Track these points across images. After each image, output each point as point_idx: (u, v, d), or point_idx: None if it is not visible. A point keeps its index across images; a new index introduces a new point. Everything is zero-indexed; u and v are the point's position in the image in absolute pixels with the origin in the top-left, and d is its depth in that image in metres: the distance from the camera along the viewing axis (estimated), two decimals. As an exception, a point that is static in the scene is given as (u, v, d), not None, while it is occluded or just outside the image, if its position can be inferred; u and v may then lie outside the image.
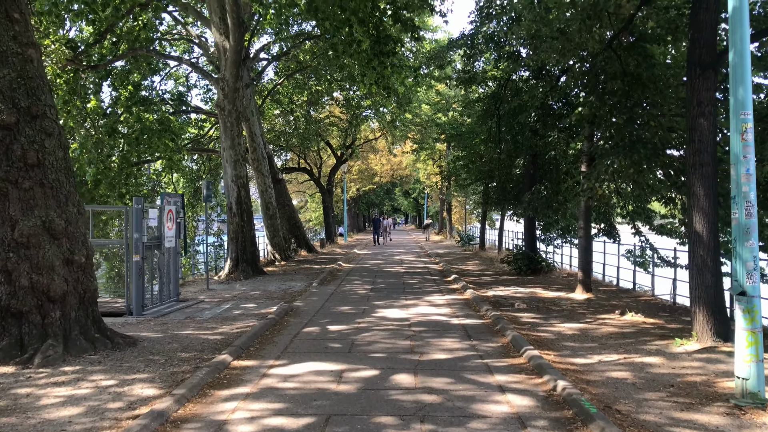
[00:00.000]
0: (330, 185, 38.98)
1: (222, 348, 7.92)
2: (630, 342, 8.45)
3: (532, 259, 17.69)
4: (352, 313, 11.05)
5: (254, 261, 17.75)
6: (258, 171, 23.02)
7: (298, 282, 16.35)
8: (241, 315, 11.15)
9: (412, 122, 37.42)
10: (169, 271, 13.67)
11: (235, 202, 17.38)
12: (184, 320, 10.80)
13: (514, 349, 8.06)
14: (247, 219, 17.56)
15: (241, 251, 17.37)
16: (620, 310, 10.89)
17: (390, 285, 15.69)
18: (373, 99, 28.13)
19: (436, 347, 8.19)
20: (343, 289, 14.77)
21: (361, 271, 19.44)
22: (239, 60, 16.81)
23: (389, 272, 19.16)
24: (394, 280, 16.91)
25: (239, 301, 13.27)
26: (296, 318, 10.65)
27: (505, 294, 13.53)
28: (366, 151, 46.28)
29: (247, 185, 17.67)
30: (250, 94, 22.90)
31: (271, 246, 23.23)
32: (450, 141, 28.38)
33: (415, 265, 22.13)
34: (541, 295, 13.33)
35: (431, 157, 44.27)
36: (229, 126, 17.13)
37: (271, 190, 23.37)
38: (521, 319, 10.38)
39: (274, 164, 27.51)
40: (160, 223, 13.01)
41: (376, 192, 69.61)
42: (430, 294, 13.84)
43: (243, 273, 17.11)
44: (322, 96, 31.09)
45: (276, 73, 31.02)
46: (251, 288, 15.59)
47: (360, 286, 15.56)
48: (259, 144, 22.93)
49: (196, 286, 16.21)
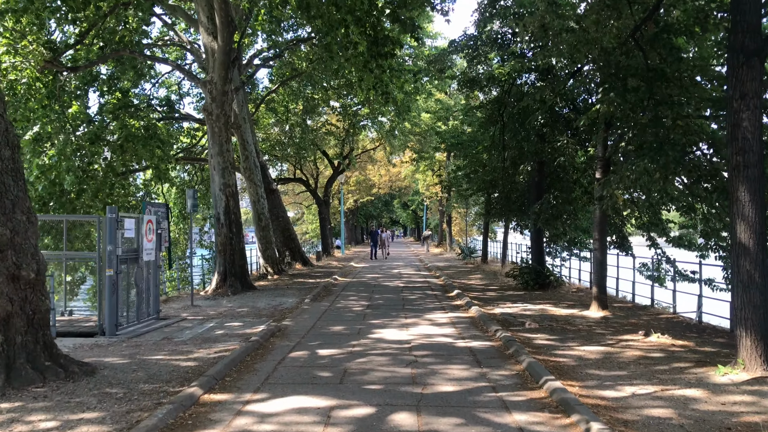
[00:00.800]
0: (327, 196, 37.95)
1: (193, 378, 6.83)
2: (663, 369, 7.36)
3: (540, 273, 16.62)
4: (346, 334, 9.96)
5: (243, 275, 16.66)
6: (250, 180, 22.00)
7: (289, 298, 15.26)
8: (223, 336, 10.06)
9: (411, 132, 36.50)
10: (149, 287, 12.62)
11: (223, 212, 16.33)
12: (160, 341, 9.74)
13: (532, 378, 6.98)
14: (236, 230, 16.50)
15: (229, 265, 16.28)
16: (644, 331, 9.81)
17: (388, 301, 14.60)
18: (371, 106, 27.21)
19: (441, 376, 7.10)
20: (338, 306, 13.68)
21: (358, 286, 18.34)
22: (228, 61, 15.83)
23: (387, 287, 18.07)
24: (393, 295, 15.82)
25: (224, 320, 12.19)
26: (283, 340, 9.55)
27: (514, 311, 12.45)
28: (364, 162, 45.33)
29: (236, 194, 16.63)
30: (243, 101, 21.94)
31: (264, 259, 22.15)
32: (450, 150, 27.41)
33: (414, 279, 21.05)
34: (553, 313, 12.25)
35: (430, 167, 43.33)
36: (218, 131, 16.11)
37: (263, 200, 22.34)
38: (535, 341, 9.30)
39: (267, 174, 26.51)
40: (138, 235, 11.97)
41: (374, 204, 68.61)
42: (431, 311, 12.75)
43: (231, 288, 16.02)
44: (318, 105, 30.15)
45: (271, 80, 30.12)
46: (239, 304, 14.50)
47: (356, 302, 14.47)
48: (251, 152, 21.93)
49: (181, 302, 15.11)
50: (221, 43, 15.48)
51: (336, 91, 28.36)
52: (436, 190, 39.56)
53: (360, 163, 45.50)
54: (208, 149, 16.70)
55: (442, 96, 36.71)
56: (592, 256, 12.44)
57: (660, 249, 14.61)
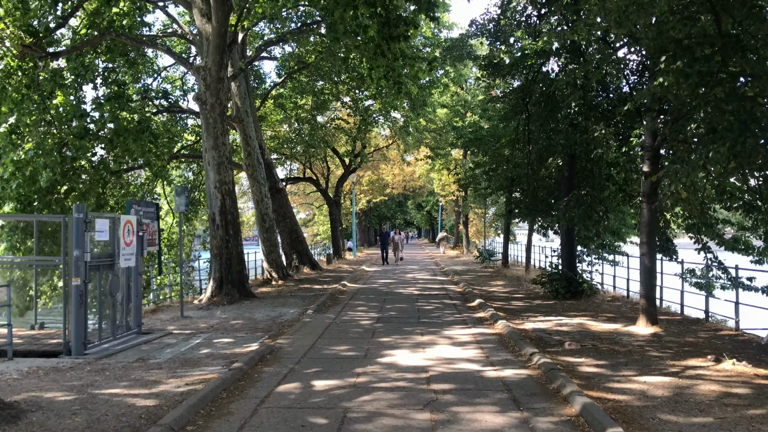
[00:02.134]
0: (337, 196, 36.33)
1: (143, 428, 5.21)
2: (762, 415, 5.62)
3: (572, 281, 14.85)
4: (350, 358, 8.29)
5: (241, 282, 15.07)
6: (253, 178, 20.44)
7: (291, 308, 13.64)
8: (206, 357, 8.49)
9: (426, 128, 34.78)
10: (129, 297, 11.10)
11: (218, 212, 14.76)
12: (131, 363, 8.22)
13: (588, 426, 5.28)
14: (233, 232, 14.92)
15: (225, 270, 14.70)
16: (712, 355, 8.04)
17: (401, 312, 12.91)
18: (382, 99, 25.55)
19: (469, 425, 5.41)
20: (344, 319, 12.02)
21: (368, 294, 16.67)
22: (223, 45, 14.25)
23: (400, 295, 16.39)
24: (407, 305, 14.14)
25: (214, 334, 10.64)
26: (273, 365, 7.91)
27: (547, 326, 10.71)
28: (377, 161, 43.67)
29: (233, 192, 15.05)
30: (245, 93, 20.40)
31: (267, 263, 20.58)
32: (468, 146, 25.67)
33: (430, 285, 19.33)
34: (594, 329, 10.49)
35: (446, 166, 41.59)
36: (212, 123, 14.54)
37: (267, 199, 20.77)
38: (580, 367, 7.58)
39: (273, 172, 24.96)
40: (114, 238, 10.44)
41: (387, 204, 66.93)
42: (451, 326, 11.04)
43: (227, 297, 14.43)
44: (328, 100, 28.54)
45: (279, 74, 28.59)
46: (234, 315, 12.93)
47: (365, 313, 12.80)
48: (254, 148, 20.38)
49: (170, 313, 13.56)
50: (215, 25, 13.91)
51: (346, 84, 26.76)
52: (453, 189, 37.77)
53: (373, 162, 43.86)
54: (201, 143, 15.15)
55: (459, 90, 34.97)
56: (640, 263, 10.67)
57: (712, 253, 12.82)
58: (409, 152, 38.12)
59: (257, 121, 23.76)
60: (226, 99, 14.84)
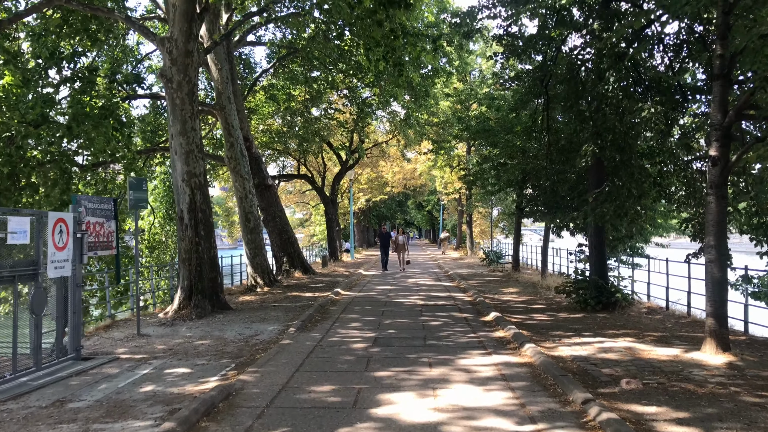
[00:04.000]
0: (334, 194, 34.08)
1: None
2: None
3: (603, 289, 12.61)
4: (334, 408, 6.02)
5: (214, 292, 12.83)
6: (236, 173, 18.20)
7: (271, 324, 11.40)
8: (144, 401, 6.34)
9: (429, 122, 32.54)
10: (64, 314, 8.94)
11: (186, 209, 12.52)
12: (41, 410, 6.26)
13: None
14: (204, 233, 12.69)
15: (195, 278, 12.47)
16: (836, 404, 5.80)
17: (403, 330, 10.65)
18: (381, 87, 23.32)
19: None
20: (332, 340, 9.75)
21: (364, 304, 14.41)
22: (192, 11, 12.02)
23: (402, 306, 14.13)
24: (409, 319, 11.87)
25: (169, 361, 8.50)
26: (224, 422, 5.66)
27: (588, 352, 8.47)
28: (375, 157, 41.40)
29: (204, 186, 12.80)
30: (227, 77, 18.16)
31: (252, 267, 18.33)
32: (475, 138, 23.41)
33: (435, 292, 17.07)
34: (647, 355, 8.24)
35: (449, 163, 39.35)
36: (179, 104, 12.31)
37: (252, 196, 18.52)
38: (658, 426, 5.34)
39: (263, 167, 22.72)
40: (39, 241, 8.25)
41: (387, 204, 64.67)
42: (466, 351, 8.78)
43: (196, 309, 12.20)
44: (322, 90, 26.27)
45: (269, 62, 26.37)
46: (201, 333, 10.72)
47: (358, 331, 10.53)
48: (237, 139, 18.13)
49: (128, 329, 11.34)
50: (181, -14, 11.69)
51: (341, 72, 24.52)
52: (459, 185, 35.48)
53: (371, 159, 41.61)
54: (167, 128, 12.90)
55: (461, 85, 32.68)
56: (706, 273, 8.43)
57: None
58: (410, 147, 35.82)
59: (243, 111, 21.54)
60: (195, 76, 12.59)
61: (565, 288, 13.39)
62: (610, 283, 12.99)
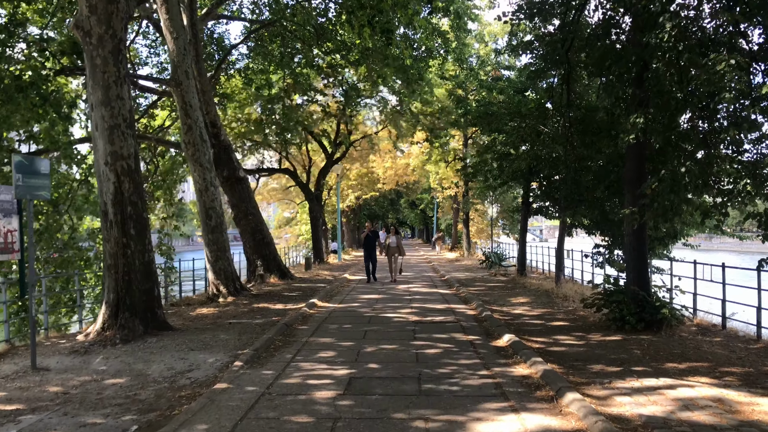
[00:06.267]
0: (319, 190, 31.22)
1: None
2: None
3: (645, 303, 9.86)
4: None
5: (149, 307, 9.99)
6: (194, 160, 15.35)
7: (214, 352, 8.59)
8: None
9: (423, 112, 29.74)
10: None
11: (111, 201, 9.70)
12: None
13: None
14: (135, 232, 9.86)
15: (123, 290, 9.65)
16: None
17: (389, 365, 7.82)
18: (369, 65, 20.54)
19: None
20: (287, 385, 6.90)
21: (343, 321, 11.58)
22: (115, -58, 9.18)
23: (390, 324, 11.32)
24: (399, 345, 9.06)
25: (48, 418, 5.98)
26: None
27: (663, 409, 5.70)
28: (364, 150, 38.53)
29: (135, 172, 9.94)
30: (184, 47, 15.30)
31: (213, 273, 15.49)
32: (475, 125, 20.65)
33: (431, 303, 14.29)
34: (755, 416, 5.49)
35: (444, 158, 36.61)
36: (100, 64, 9.49)
37: (214, 189, 15.68)
38: None
39: (233, 157, 19.89)
40: None
41: (379, 202, 61.85)
42: (479, 404, 5.99)
43: (123, 330, 9.38)
44: (304, 75, 23.43)
45: (244, 39, 23.54)
46: (118, 367, 7.93)
47: (328, 368, 7.70)
48: (196, 121, 15.29)
49: (24, 360, 8.51)
50: None
51: (324, 52, 21.74)
52: (456, 179, 32.73)
53: (361, 153, 38.78)
54: (87, 96, 10.06)
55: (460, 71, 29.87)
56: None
57: None
58: (402, 140, 33.01)
59: (210, 92, 18.71)
60: (123, 30, 9.74)
61: (594, 301, 10.63)
62: (654, 295, 10.26)
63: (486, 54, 31.92)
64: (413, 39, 21.88)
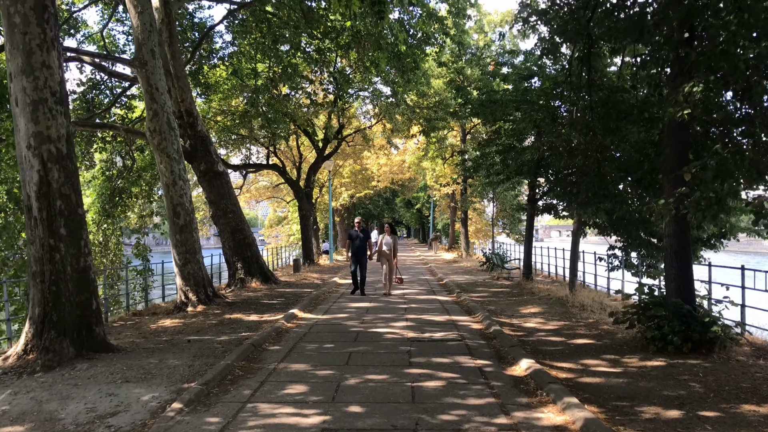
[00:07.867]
0: (309, 188, 29.36)
1: None
2: None
3: (691, 319, 8.07)
4: None
5: (85, 323, 8.14)
6: (160, 150, 13.49)
7: (154, 385, 6.72)
8: None
9: (419, 104, 27.90)
10: None
11: (35, 194, 7.85)
12: None
13: None
14: (67, 232, 8.01)
15: (50, 303, 7.79)
16: None
17: (377, 408, 5.98)
18: (360, 49, 18.74)
19: None
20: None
21: (324, 339, 9.71)
22: None
23: (381, 342, 9.46)
24: (389, 376, 7.21)
25: None
26: None
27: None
28: (359, 146, 36.67)
29: (67, 158, 8.08)
30: (149, 24, 13.45)
31: (182, 279, 13.61)
32: (476, 115, 18.85)
33: (430, 314, 12.45)
34: None
35: (441, 155, 34.82)
36: (20, 24, 7.66)
37: (183, 183, 13.81)
38: None
39: (211, 149, 18.02)
40: None
41: (374, 200, 59.98)
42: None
43: (47, 354, 7.53)
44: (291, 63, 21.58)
45: (227, 27, 21.70)
46: (25, 407, 6.09)
47: (295, 413, 5.82)
48: (163, 106, 13.43)
49: None
50: None
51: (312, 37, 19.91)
52: (454, 175, 30.90)
53: (354, 148, 36.92)
54: (6, 64, 8.20)
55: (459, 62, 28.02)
56: None
57: None
58: (396, 134, 31.16)
59: (185, 77, 16.87)
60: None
61: (626, 316, 8.82)
62: (701, 310, 8.46)
63: (486, 44, 30.15)
64: (408, 23, 20.16)
